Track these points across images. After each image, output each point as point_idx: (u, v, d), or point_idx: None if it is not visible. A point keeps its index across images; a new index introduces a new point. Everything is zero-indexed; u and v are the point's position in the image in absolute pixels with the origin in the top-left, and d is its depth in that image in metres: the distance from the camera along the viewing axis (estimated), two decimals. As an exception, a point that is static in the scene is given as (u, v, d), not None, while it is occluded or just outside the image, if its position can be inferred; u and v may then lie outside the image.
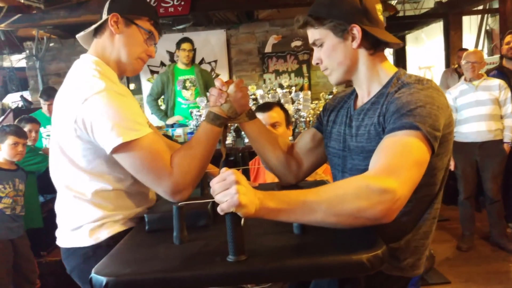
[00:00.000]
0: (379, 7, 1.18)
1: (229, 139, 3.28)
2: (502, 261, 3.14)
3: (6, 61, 6.51)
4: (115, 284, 0.85)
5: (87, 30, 1.34)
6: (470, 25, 6.98)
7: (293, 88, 4.08)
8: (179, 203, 1.03)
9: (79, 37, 1.38)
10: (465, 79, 3.36)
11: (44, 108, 3.79)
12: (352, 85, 1.28)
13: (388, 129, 1.04)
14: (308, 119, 3.37)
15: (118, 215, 1.27)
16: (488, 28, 6.67)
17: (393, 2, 6.85)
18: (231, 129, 3.30)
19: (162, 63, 5.73)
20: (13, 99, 6.66)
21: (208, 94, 1.48)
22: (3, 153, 2.68)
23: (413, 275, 1.18)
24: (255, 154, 2.69)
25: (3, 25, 4.54)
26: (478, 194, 3.56)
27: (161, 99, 4.43)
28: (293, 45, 5.78)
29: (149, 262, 0.94)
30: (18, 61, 6.35)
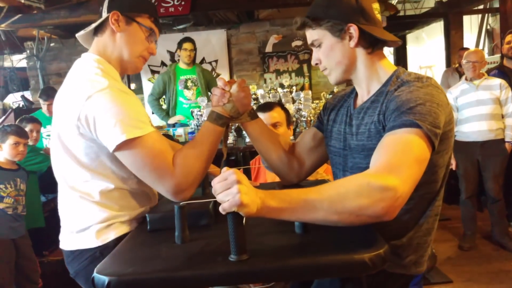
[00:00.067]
0: (376, 6, 1.18)
1: (230, 139, 3.28)
2: (504, 260, 3.14)
3: (7, 61, 6.50)
4: (117, 283, 0.85)
5: (87, 29, 1.33)
6: (470, 24, 6.97)
7: (294, 87, 4.08)
8: (181, 203, 1.03)
9: (79, 36, 1.37)
10: (465, 79, 3.35)
11: (43, 108, 3.78)
12: (352, 84, 1.28)
13: (388, 127, 1.04)
14: (309, 119, 3.36)
15: (124, 215, 1.26)
16: (488, 27, 6.66)
17: (394, 1, 6.85)
18: (232, 128, 3.30)
19: (162, 63, 5.73)
20: (14, 99, 6.66)
21: (209, 93, 1.48)
22: (4, 153, 2.69)
23: (416, 273, 1.19)
24: (256, 153, 2.70)
25: (3, 25, 4.55)
26: (479, 193, 3.56)
27: (162, 99, 4.43)
28: (293, 44, 5.77)
29: (151, 261, 0.94)
30: (18, 61, 6.35)
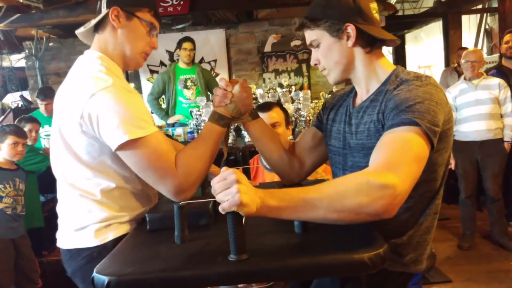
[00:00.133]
0: (374, 5, 1.19)
1: (229, 139, 3.27)
2: (503, 260, 3.14)
3: (5, 61, 6.51)
4: (117, 283, 0.85)
5: (87, 25, 1.31)
6: (469, 24, 6.99)
7: (293, 87, 4.08)
8: (180, 203, 1.03)
9: (79, 33, 1.35)
10: (464, 78, 3.36)
11: (41, 108, 3.77)
12: (351, 83, 1.28)
13: (387, 126, 1.04)
14: (308, 118, 3.36)
15: (124, 216, 1.25)
16: (487, 27, 6.68)
17: (392, 1, 6.85)
18: (231, 128, 3.30)
19: (161, 63, 5.73)
20: (13, 99, 6.66)
21: (209, 93, 1.48)
22: (3, 153, 2.68)
23: (415, 271, 1.19)
24: (255, 153, 2.70)
25: (2, 25, 4.54)
26: (478, 193, 3.56)
27: (161, 99, 4.43)
28: (292, 44, 5.77)
29: (151, 261, 0.94)
30: (17, 60, 6.35)
